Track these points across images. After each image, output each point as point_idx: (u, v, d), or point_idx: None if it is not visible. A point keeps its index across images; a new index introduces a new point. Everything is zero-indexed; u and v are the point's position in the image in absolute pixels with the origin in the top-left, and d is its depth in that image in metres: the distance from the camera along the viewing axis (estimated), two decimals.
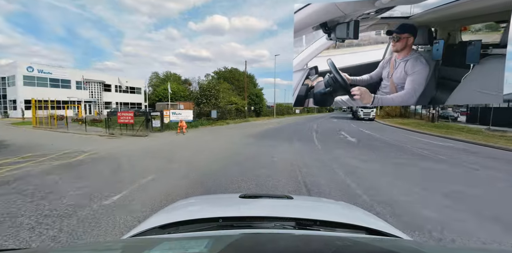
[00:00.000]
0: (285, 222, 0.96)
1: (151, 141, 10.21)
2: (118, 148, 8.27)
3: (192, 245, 0.66)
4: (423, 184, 4.47)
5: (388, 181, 4.64)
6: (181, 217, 1.03)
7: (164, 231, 0.94)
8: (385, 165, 6.10)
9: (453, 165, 6.14)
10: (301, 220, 0.96)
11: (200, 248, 0.63)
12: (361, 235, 0.89)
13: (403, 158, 6.95)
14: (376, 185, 4.41)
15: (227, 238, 0.72)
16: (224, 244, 0.64)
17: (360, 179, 4.73)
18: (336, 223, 0.96)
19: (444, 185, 4.44)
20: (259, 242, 0.71)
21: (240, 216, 1.04)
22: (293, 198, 1.28)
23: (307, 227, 0.93)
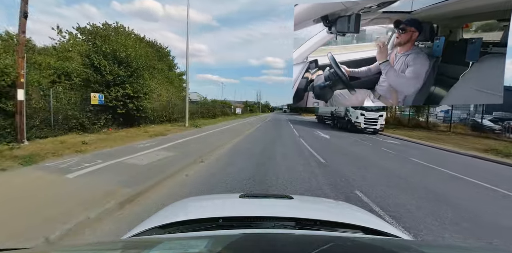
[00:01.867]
0: (285, 222, 0.97)
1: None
2: None
3: (192, 245, 0.65)
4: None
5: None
6: (181, 217, 1.03)
7: (164, 231, 0.93)
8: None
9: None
10: (301, 220, 0.96)
11: (200, 248, 0.63)
12: (361, 235, 0.90)
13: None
14: None
15: (227, 238, 0.72)
16: (224, 244, 0.63)
17: None
18: (336, 223, 0.96)
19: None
20: (259, 242, 0.70)
21: (240, 216, 1.04)
22: (293, 198, 1.29)
23: (307, 227, 0.93)
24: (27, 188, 3.75)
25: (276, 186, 4.83)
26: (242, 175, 5.36)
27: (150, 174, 4.64)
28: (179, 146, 8.34)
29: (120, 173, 4.59)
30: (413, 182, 5.66)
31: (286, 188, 4.71)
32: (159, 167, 5.22)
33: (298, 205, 1.30)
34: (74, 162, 5.32)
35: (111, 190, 3.72)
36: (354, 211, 1.38)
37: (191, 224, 0.98)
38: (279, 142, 11.59)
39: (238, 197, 1.30)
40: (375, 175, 6.20)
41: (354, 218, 1.12)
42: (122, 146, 7.51)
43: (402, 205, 4.11)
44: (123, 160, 5.78)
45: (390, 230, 0.99)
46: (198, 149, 7.90)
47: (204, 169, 5.85)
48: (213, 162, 6.77)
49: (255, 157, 7.64)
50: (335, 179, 5.58)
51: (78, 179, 4.22)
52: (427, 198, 4.60)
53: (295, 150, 9.50)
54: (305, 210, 1.24)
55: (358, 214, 1.30)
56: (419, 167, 7.72)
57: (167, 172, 4.90)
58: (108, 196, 3.40)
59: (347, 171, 6.38)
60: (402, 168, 7.25)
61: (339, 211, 1.32)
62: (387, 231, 0.97)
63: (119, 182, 4.03)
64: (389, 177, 6.07)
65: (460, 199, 4.67)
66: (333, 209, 1.36)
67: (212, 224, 0.97)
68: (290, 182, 5.15)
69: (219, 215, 1.01)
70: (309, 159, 7.74)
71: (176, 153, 7.01)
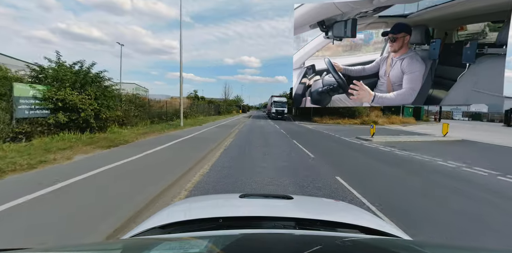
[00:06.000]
0: (285, 222, 0.96)
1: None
2: None
3: (192, 245, 0.65)
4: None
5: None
6: (181, 217, 1.02)
7: (164, 231, 0.93)
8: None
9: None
10: (301, 220, 0.96)
11: (200, 248, 0.63)
12: (361, 235, 0.89)
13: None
14: None
15: (227, 238, 0.72)
16: (224, 244, 0.63)
17: None
18: (336, 223, 0.96)
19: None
20: (259, 242, 0.71)
21: (240, 216, 1.04)
22: (293, 198, 1.28)
23: (307, 227, 0.93)
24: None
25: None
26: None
27: None
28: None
29: None
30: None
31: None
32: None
33: (298, 205, 1.30)
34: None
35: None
36: (354, 211, 1.38)
37: (191, 224, 0.97)
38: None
39: (238, 197, 1.30)
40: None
41: (354, 218, 1.11)
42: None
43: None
44: None
45: (390, 230, 0.99)
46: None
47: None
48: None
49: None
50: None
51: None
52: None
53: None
54: (305, 210, 1.23)
55: (358, 214, 1.29)
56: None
57: None
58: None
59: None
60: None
61: (339, 211, 1.32)
62: (387, 231, 0.96)
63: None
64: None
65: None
66: (333, 209, 1.35)
67: (212, 224, 0.96)
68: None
69: (219, 215, 1.00)
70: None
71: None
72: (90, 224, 2.45)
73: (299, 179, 4.42)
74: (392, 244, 0.74)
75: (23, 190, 3.21)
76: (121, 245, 0.71)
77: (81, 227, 2.40)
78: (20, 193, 3.12)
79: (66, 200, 3.01)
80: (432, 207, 3.30)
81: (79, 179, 3.83)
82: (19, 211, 2.67)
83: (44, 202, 2.96)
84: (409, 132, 15.73)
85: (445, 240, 2.46)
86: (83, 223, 2.46)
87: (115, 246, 0.73)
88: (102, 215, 2.65)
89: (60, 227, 2.37)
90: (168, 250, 0.62)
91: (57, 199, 3.03)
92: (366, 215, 1.28)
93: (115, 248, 0.69)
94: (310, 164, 5.79)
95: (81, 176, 3.98)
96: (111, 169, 4.58)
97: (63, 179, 3.78)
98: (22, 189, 3.27)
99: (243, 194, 1.31)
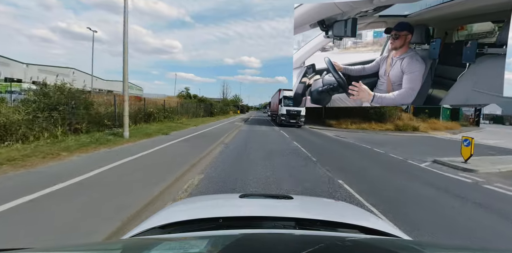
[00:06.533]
0: (285, 222, 0.96)
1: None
2: None
3: (192, 245, 0.65)
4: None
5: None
6: (181, 217, 1.02)
7: (164, 231, 0.93)
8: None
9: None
10: (301, 220, 0.96)
11: (200, 248, 0.63)
12: (361, 235, 0.89)
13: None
14: None
15: (227, 238, 0.72)
16: (224, 244, 0.63)
17: None
18: (336, 223, 0.96)
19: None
20: (259, 242, 0.70)
21: (240, 216, 1.04)
22: (293, 198, 1.28)
23: (307, 227, 0.93)
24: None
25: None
26: None
27: None
28: None
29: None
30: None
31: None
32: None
33: (298, 205, 1.30)
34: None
35: None
36: (354, 211, 1.38)
37: (191, 224, 0.97)
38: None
39: (238, 197, 1.30)
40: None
41: (354, 218, 1.11)
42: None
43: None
44: None
45: (390, 230, 0.99)
46: None
47: None
48: None
49: None
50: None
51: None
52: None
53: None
54: (305, 210, 1.23)
55: (358, 214, 1.29)
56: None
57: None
58: None
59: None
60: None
61: (339, 211, 1.32)
62: (387, 231, 0.96)
63: None
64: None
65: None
66: (333, 209, 1.35)
67: (212, 224, 0.96)
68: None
69: (219, 215, 1.00)
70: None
71: None
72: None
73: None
74: (392, 244, 0.74)
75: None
76: (121, 245, 0.70)
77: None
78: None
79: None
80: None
81: None
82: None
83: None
84: (497, 148, 10.75)
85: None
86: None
87: (115, 246, 0.73)
88: None
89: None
90: (168, 250, 0.62)
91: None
92: (366, 215, 1.28)
93: (115, 248, 0.68)
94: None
95: None
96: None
97: None
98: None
99: (243, 194, 1.30)
